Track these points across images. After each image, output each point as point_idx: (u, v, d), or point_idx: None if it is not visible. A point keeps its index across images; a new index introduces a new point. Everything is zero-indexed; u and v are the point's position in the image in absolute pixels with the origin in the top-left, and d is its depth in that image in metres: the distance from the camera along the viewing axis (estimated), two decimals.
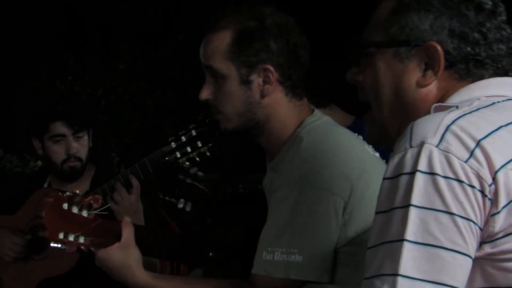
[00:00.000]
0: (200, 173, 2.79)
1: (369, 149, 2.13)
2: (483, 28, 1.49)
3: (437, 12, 1.49)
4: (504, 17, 1.53)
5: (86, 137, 3.39)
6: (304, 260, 1.94)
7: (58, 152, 3.35)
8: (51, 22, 8.42)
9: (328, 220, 1.96)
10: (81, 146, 3.36)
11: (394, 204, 1.33)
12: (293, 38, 2.12)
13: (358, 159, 2.05)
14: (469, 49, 1.48)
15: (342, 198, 1.96)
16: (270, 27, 2.10)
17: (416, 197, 1.31)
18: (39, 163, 5.55)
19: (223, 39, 2.11)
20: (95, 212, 2.16)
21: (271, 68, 2.09)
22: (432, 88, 1.51)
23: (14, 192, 3.43)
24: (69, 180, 3.38)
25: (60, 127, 3.33)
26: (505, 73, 1.51)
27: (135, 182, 3.06)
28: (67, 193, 2.16)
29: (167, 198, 2.73)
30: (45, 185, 3.46)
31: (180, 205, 2.66)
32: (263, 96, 2.11)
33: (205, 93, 2.15)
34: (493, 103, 1.44)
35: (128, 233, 2.15)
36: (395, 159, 1.36)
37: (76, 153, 3.34)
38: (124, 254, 2.13)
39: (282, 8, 2.19)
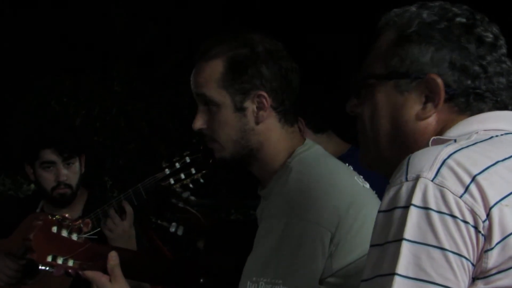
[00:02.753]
0: (192, 197, 2.79)
1: (359, 180, 2.13)
2: (483, 61, 1.48)
3: (438, 45, 1.48)
4: (504, 50, 1.53)
5: (77, 164, 3.39)
6: None
7: (48, 178, 3.35)
8: (47, 43, 8.42)
9: (314, 252, 1.94)
10: (71, 173, 3.36)
11: (388, 238, 1.33)
12: (284, 63, 2.13)
13: (347, 191, 2.04)
14: (469, 82, 1.48)
15: (329, 230, 1.95)
16: (262, 53, 2.10)
17: (409, 231, 1.31)
18: (32, 186, 5.54)
19: (215, 68, 2.10)
20: (85, 236, 2.16)
21: (264, 94, 2.09)
22: (431, 120, 1.50)
23: (7, 216, 3.43)
24: (61, 205, 3.38)
25: (49, 155, 3.33)
26: (504, 107, 1.51)
27: (128, 209, 3.05)
28: (57, 216, 2.14)
29: (159, 221, 2.73)
30: (38, 210, 3.46)
31: (172, 229, 2.66)
32: (257, 122, 2.11)
33: (199, 123, 2.14)
34: (491, 137, 1.44)
35: (115, 271, 2.12)
36: (390, 192, 1.36)
37: (66, 180, 3.34)
38: None
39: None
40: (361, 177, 2.16)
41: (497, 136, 1.45)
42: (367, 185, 2.15)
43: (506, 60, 1.53)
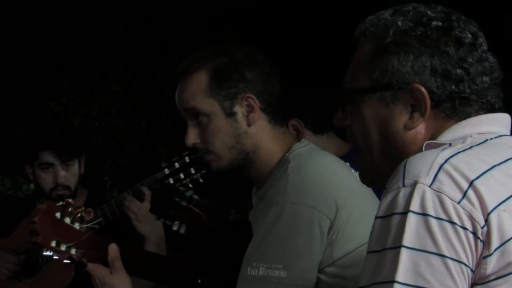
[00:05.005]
0: (195, 196, 2.79)
1: (356, 174, 2.14)
2: (464, 64, 1.47)
3: (416, 52, 1.47)
4: (485, 47, 1.51)
5: (76, 165, 3.39)
6: (288, 275, 1.94)
7: (46, 180, 3.36)
8: (46, 43, 8.42)
9: (314, 237, 1.97)
10: (70, 175, 3.36)
11: (386, 245, 1.33)
12: (265, 67, 2.17)
13: (345, 181, 2.07)
14: (453, 86, 1.46)
15: (328, 217, 1.97)
16: (242, 59, 2.15)
17: (408, 238, 1.30)
18: (32, 186, 5.54)
19: (200, 79, 2.15)
20: (87, 225, 2.17)
21: (251, 95, 2.13)
22: (420, 129, 1.49)
23: (6, 216, 3.43)
24: None
25: (48, 156, 3.34)
26: (491, 107, 1.50)
27: (147, 191, 3.02)
28: (61, 202, 2.15)
29: (161, 220, 2.73)
30: None
31: (175, 228, 2.66)
32: (249, 124, 2.14)
33: (192, 138, 2.18)
34: (486, 140, 1.44)
35: (115, 263, 2.15)
36: (387, 198, 1.35)
37: (64, 182, 3.34)
38: (115, 281, 2.15)
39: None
40: (358, 173, 2.18)
41: (491, 139, 1.45)
42: None
43: (488, 57, 1.50)
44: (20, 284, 3.28)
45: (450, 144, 1.42)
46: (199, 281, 2.27)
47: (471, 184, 1.32)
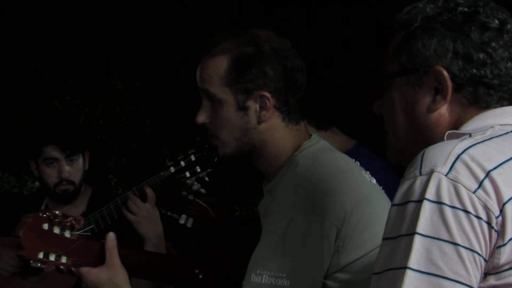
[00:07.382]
0: (202, 190, 2.80)
1: (366, 175, 2.13)
2: (488, 48, 1.48)
3: (440, 36, 1.50)
4: None
5: (80, 160, 3.39)
6: (292, 285, 1.92)
7: (50, 175, 3.35)
8: (50, 42, 8.44)
9: (320, 246, 1.94)
10: (74, 170, 3.36)
11: (400, 232, 1.34)
12: (290, 63, 2.11)
13: (354, 186, 2.04)
14: (474, 70, 1.48)
15: (335, 225, 1.95)
16: (267, 53, 2.09)
17: (422, 226, 1.31)
18: (37, 184, 5.54)
19: (220, 65, 2.10)
20: (78, 232, 2.16)
21: (267, 94, 2.08)
22: (443, 112, 1.51)
23: (12, 213, 3.42)
24: (64, 202, 3.38)
25: (52, 151, 3.33)
26: None
27: (149, 191, 3.02)
28: (47, 213, 2.14)
29: (169, 213, 2.73)
30: (43, 207, 3.46)
31: (182, 221, 2.66)
32: (259, 122, 2.10)
33: (202, 117, 2.15)
34: (507, 133, 1.44)
35: (112, 253, 2.13)
36: (404, 186, 1.37)
37: (68, 176, 3.34)
38: (111, 274, 2.13)
39: (284, 28, 2.19)
40: (368, 172, 2.16)
41: None
42: (374, 181, 2.15)
43: None
44: (25, 282, 3.28)
45: (470, 135, 1.43)
46: (200, 276, 2.26)
47: (487, 174, 1.32)
